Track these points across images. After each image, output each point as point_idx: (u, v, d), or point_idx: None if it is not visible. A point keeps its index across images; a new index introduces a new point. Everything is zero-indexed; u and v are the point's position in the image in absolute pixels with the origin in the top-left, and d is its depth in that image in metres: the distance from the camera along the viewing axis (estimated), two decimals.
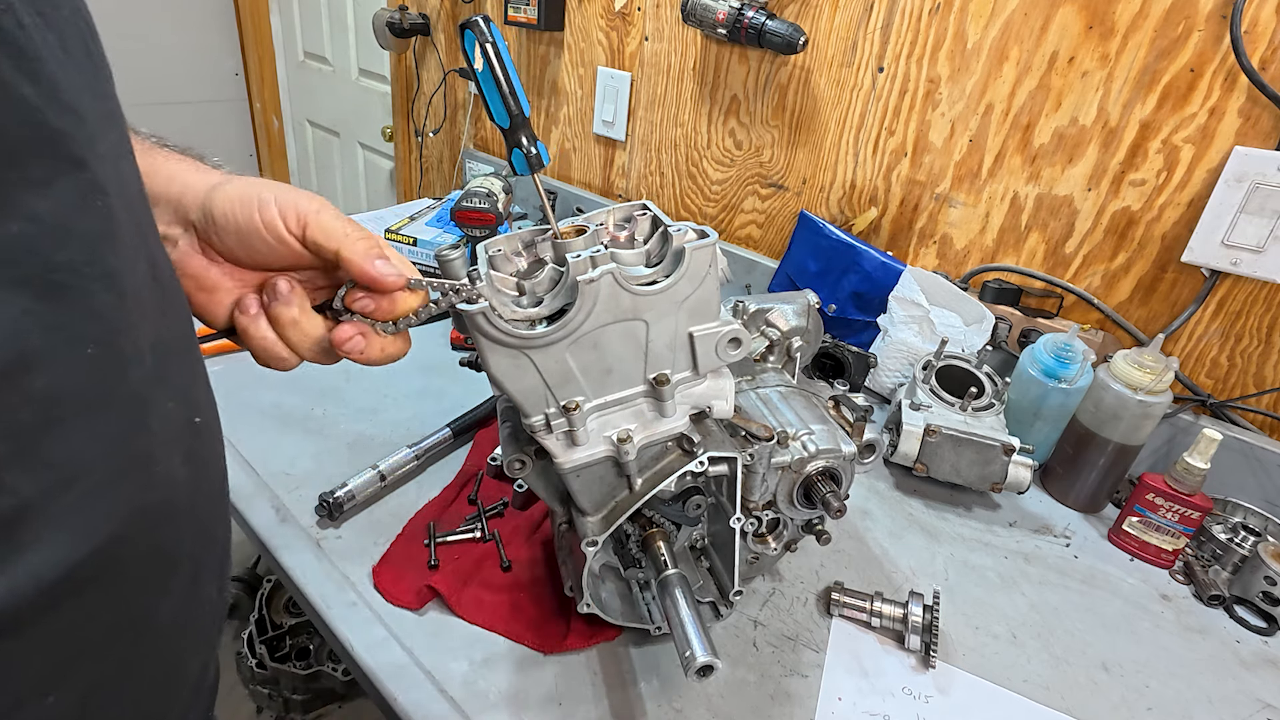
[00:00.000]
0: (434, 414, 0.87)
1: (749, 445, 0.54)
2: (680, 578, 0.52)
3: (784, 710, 0.57)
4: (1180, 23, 0.81)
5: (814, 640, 0.64)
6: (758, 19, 1.07)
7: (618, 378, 0.48)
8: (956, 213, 1.04)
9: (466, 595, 0.63)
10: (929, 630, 0.62)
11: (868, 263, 1.04)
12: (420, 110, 1.89)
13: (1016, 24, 0.92)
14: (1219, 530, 0.78)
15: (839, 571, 0.72)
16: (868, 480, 0.86)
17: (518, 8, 1.43)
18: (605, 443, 0.49)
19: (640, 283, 0.46)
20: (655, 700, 0.56)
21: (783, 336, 0.72)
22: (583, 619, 0.59)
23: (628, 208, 0.51)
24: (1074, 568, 0.77)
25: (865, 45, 1.05)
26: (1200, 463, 0.74)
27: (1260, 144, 0.80)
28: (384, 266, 0.41)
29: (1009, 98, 0.95)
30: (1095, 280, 0.95)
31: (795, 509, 0.60)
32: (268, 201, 0.41)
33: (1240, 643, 0.70)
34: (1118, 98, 0.87)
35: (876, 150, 1.09)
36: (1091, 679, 0.64)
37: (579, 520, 0.53)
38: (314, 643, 1.37)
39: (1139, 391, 0.78)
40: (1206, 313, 0.88)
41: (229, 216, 0.41)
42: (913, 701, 0.59)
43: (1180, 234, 0.87)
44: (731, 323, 0.49)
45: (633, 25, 1.32)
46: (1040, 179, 0.96)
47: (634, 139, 1.40)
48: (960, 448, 0.81)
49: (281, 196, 0.41)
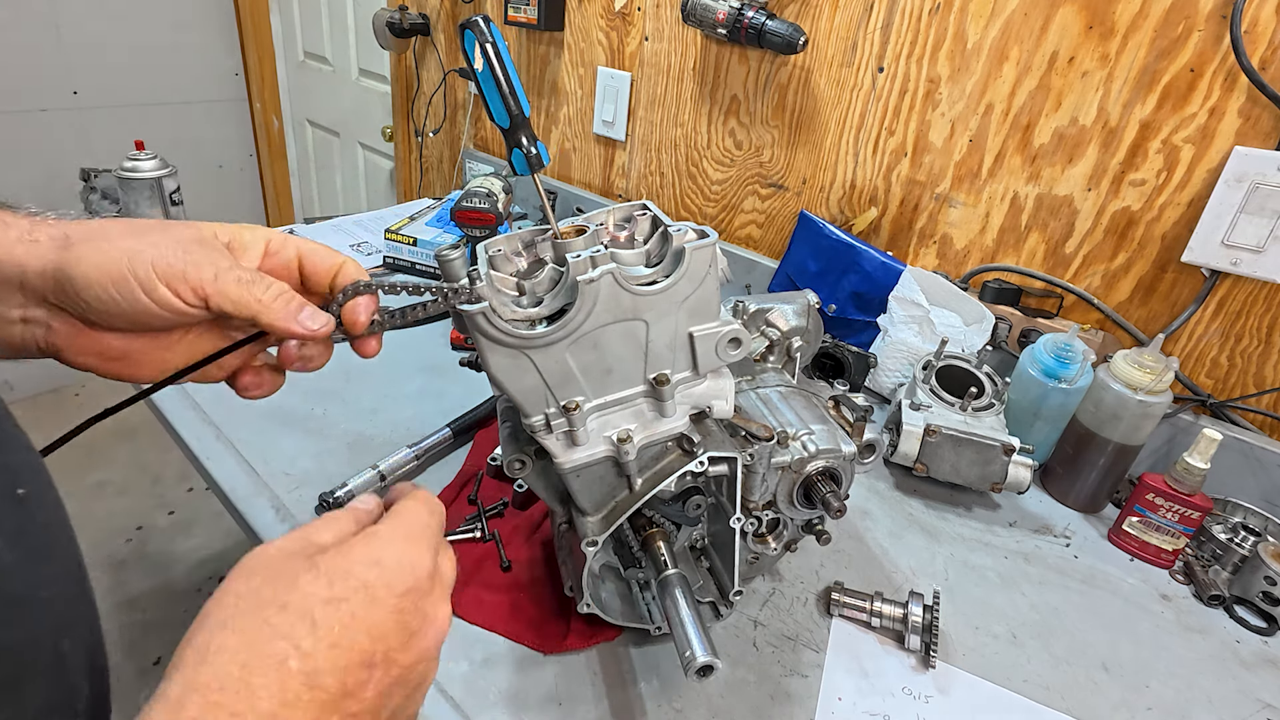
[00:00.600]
0: (434, 414, 0.87)
1: (749, 445, 0.54)
2: (680, 578, 0.52)
3: (784, 710, 0.57)
4: (1180, 23, 0.81)
5: (814, 640, 0.64)
6: (758, 19, 1.07)
7: (618, 378, 0.48)
8: (956, 213, 1.04)
9: (466, 595, 0.63)
10: (929, 630, 0.62)
11: (868, 263, 1.04)
12: (420, 110, 1.89)
13: (1016, 24, 0.92)
14: (1219, 530, 0.78)
15: (839, 571, 0.72)
16: (868, 480, 0.86)
17: (518, 8, 1.43)
18: (605, 443, 0.49)
19: (640, 283, 0.46)
20: (655, 700, 0.56)
21: (783, 336, 0.72)
22: (583, 619, 0.59)
23: (628, 208, 0.51)
24: (1074, 568, 0.77)
25: (865, 45, 1.05)
26: (1200, 463, 0.74)
27: (1260, 144, 0.80)
28: (309, 320, 0.38)
29: (1009, 98, 0.95)
30: (1095, 280, 0.95)
31: (795, 509, 0.60)
32: (149, 280, 0.35)
33: (1240, 643, 0.70)
34: (1118, 98, 0.87)
35: (876, 150, 1.09)
36: (1091, 679, 0.64)
37: (579, 520, 0.53)
38: None
39: (1139, 391, 0.78)
40: (1206, 313, 0.88)
41: (105, 301, 0.35)
42: (913, 701, 0.59)
43: (1180, 234, 0.87)
44: (731, 323, 0.49)
45: (633, 25, 1.32)
46: (1040, 179, 0.96)
47: (634, 139, 1.40)
48: (960, 448, 0.81)
49: (160, 266, 0.36)
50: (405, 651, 0.31)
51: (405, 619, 0.31)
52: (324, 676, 0.28)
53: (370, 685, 0.30)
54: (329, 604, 0.29)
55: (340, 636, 0.29)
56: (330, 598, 0.29)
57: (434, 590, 0.33)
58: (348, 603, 0.30)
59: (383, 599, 0.31)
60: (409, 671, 0.32)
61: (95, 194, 1.06)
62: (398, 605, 0.31)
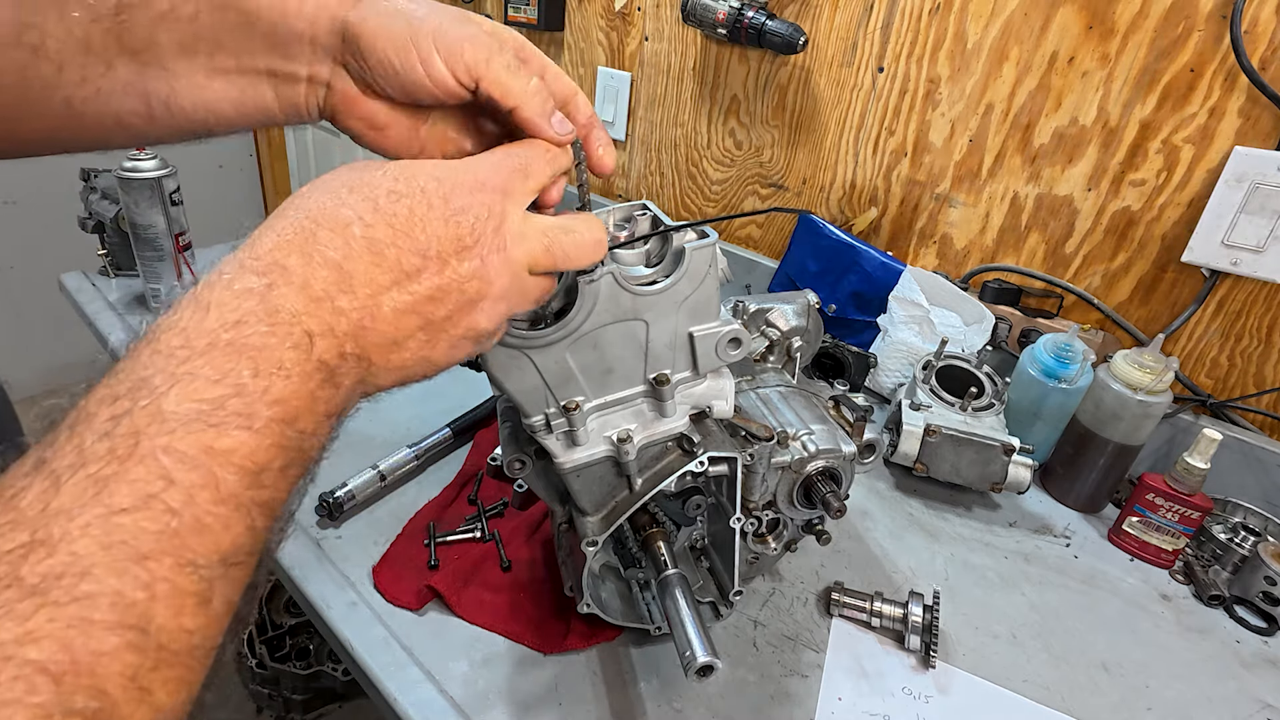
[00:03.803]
0: (434, 414, 0.87)
1: (749, 445, 0.54)
2: (680, 578, 0.52)
3: (784, 710, 0.57)
4: (1180, 23, 0.81)
5: (814, 640, 0.64)
6: (758, 19, 1.07)
7: (618, 378, 0.48)
8: (956, 213, 1.04)
9: (466, 595, 0.63)
10: (929, 630, 0.62)
11: (868, 263, 1.04)
12: None
13: (1016, 24, 0.92)
14: (1219, 530, 0.78)
15: (839, 571, 0.72)
16: (868, 480, 0.86)
17: (518, 8, 1.43)
18: (605, 443, 0.49)
19: (640, 283, 0.46)
20: (655, 700, 0.56)
21: (783, 336, 0.72)
22: (583, 619, 0.59)
23: (628, 208, 0.51)
24: (1074, 568, 0.77)
25: (865, 45, 1.05)
26: (1200, 463, 0.74)
27: (1260, 144, 0.80)
28: (560, 126, 0.39)
29: (1009, 98, 0.95)
30: (1095, 280, 0.95)
31: (795, 509, 0.60)
32: (430, 53, 0.36)
33: (1240, 643, 0.70)
34: (1118, 98, 0.87)
35: (876, 150, 1.09)
36: (1091, 679, 0.64)
37: (579, 520, 0.53)
38: (314, 643, 1.37)
39: (1139, 391, 0.78)
40: (1206, 313, 0.88)
41: (386, 65, 0.37)
42: (913, 701, 0.59)
43: (1180, 234, 0.87)
44: (731, 323, 0.49)
45: (633, 25, 1.32)
46: (1040, 179, 0.96)
47: (634, 139, 1.40)
48: (960, 448, 0.81)
49: (441, 42, 0.37)
50: (458, 259, 0.33)
51: (459, 231, 0.33)
52: (384, 247, 0.31)
53: (425, 275, 0.32)
54: (391, 195, 0.32)
55: (397, 220, 0.32)
56: (392, 190, 0.32)
57: (491, 218, 0.34)
58: (408, 198, 0.32)
59: (437, 207, 0.33)
60: (464, 281, 0.33)
61: (95, 194, 1.06)
62: (452, 216, 0.33)
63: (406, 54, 0.36)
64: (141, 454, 0.23)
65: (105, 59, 0.36)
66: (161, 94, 0.38)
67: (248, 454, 0.26)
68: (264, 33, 0.37)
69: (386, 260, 0.31)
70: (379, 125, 0.40)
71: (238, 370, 0.26)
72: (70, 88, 0.36)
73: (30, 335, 2.40)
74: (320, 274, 0.29)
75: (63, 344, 2.42)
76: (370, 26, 0.36)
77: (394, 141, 0.41)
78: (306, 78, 0.39)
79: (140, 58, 0.37)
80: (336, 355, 0.30)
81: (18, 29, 0.34)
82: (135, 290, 1.04)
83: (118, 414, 0.24)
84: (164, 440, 0.24)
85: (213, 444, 0.25)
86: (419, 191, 0.32)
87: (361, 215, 0.31)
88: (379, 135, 0.41)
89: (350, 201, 0.31)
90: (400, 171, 0.33)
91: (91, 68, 0.36)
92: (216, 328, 0.26)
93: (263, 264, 0.29)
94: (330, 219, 0.31)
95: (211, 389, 0.25)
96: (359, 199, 0.32)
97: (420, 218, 0.32)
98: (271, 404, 0.27)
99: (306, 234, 0.30)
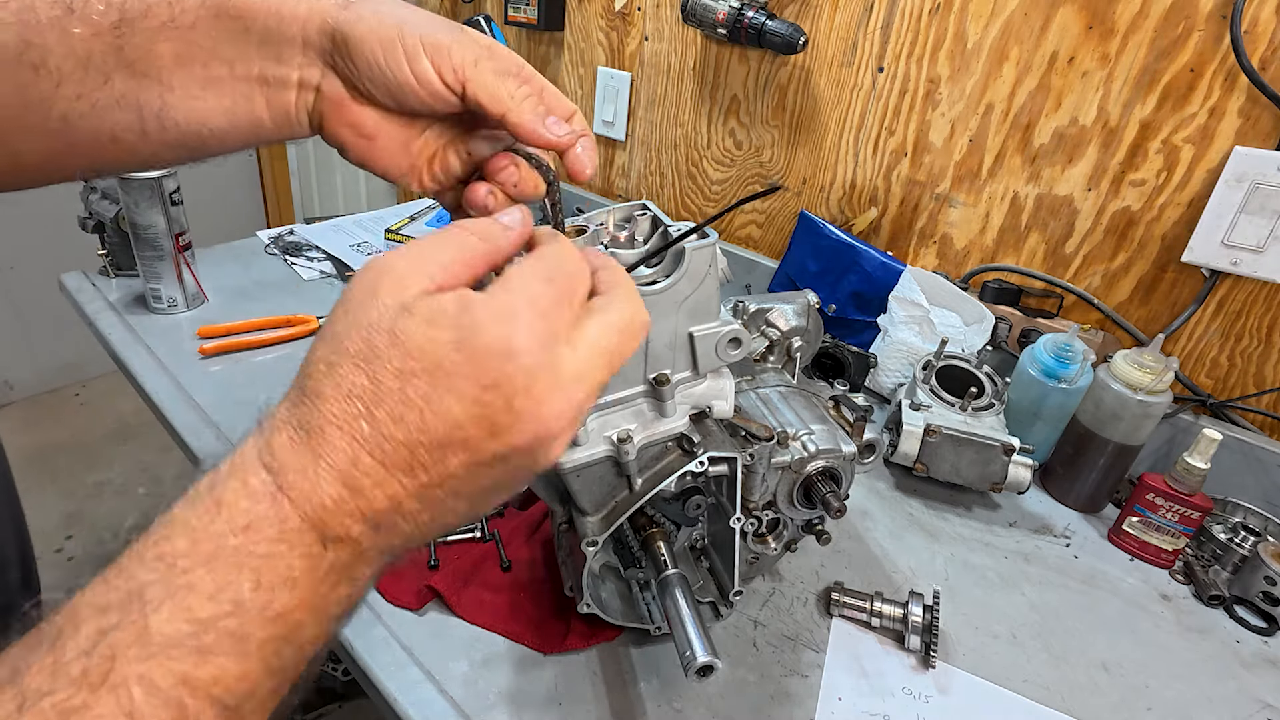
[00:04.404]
0: None
1: (749, 445, 0.54)
2: (680, 578, 0.52)
3: (784, 710, 0.57)
4: (1180, 23, 0.81)
5: (814, 640, 0.64)
6: (758, 19, 1.07)
7: (618, 378, 0.48)
8: (956, 213, 1.04)
9: (466, 595, 0.63)
10: (929, 630, 0.62)
11: (868, 263, 1.04)
12: None
13: (1016, 24, 0.92)
14: (1219, 530, 0.78)
15: (839, 571, 0.72)
16: (868, 480, 0.86)
17: (518, 8, 1.43)
18: (605, 443, 0.49)
19: (640, 283, 0.46)
20: (655, 700, 0.56)
21: (783, 336, 0.72)
22: (583, 619, 0.59)
23: (628, 208, 0.51)
24: (1074, 568, 0.77)
25: (865, 45, 1.05)
26: (1200, 463, 0.74)
27: (1260, 144, 0.80)
28: (556, 127, 0.37)
29: (1009, 98, 0.95)
30: (1095, 280, 0.95)
31: (795, 509, 0.60)
32: (416, 52, 0.36)
33: (1240, 643, 0.70)
34: (1118, 98, 0.87)
35: (876, 150, 1.09)
36: (1091, 679, 0.64)
37: (579, 520, 0.53)
38: None
39: (1139, 391, 0.78)
40: (1206, 313, 0.88)
41: (374, 67, 0.36)
42: (913, 701, 0.59)
43: (1180, 234, 0.87)
44: (731, 323, 0.49)
45: (633, 25, 1.32)
46: (1040, 179, 0.96)
47: (634, 139, 1.40)
48: (960, 448, 0.81)
49: (428, 42, 0.36)
50: (492, 441, 0.27)
51: (488, 413, 0.27)
52: (393, 447, 0.26)
53: (446, 463, 0.27)
54: (399, 377, 0.26)
55: (406, 414, 0.26)
56: (401, 370, 0.26)
57: (535, 384, 0.27)
58: (418, 380, 0.26)
59: (461, 390, 0.26)
60: (505, 457, 0.28)
61: (95, 194, 1.06)
62: (478, 398, 0.27)
63: (393, 52, 0.36)
64: (113, 683, 0.22)
65: (104, 72, 0.36)
66: (154, 106, 0.37)
67: (231, 683, 0.24)
68: (258, 37, 0.37)
69: (393, 459, 0.27)
70: (367, 134, 0.40)
71: (238, 584, 0.25)
72: (66, 102, 0.36)
73: (30, 335, 2.40)
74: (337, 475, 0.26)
75: (63, 344, 2.42)
76: (361, 28, 0.36)
77: (382, 154, 0.40)
78: (297, 82, 0.39)
79: (137, 69, 0.36)
80: (352, 555, 0.27)
81: (20, 48, 0.34)
82: (135, 290, 1.04)
83: (104, 628, 0.23)
84: (139, 668, 0.23)
85: (192, 673, 0.23)
86: (435, 369, 0.27)
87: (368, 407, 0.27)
88: (368, 145, 0.40)
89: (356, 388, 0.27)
90: (410, 338, 0.27)
91: (89, 81, 0.36)
92: (225, 531, 0.25)
93: (278, 461, 0.26)
94: (341, 417, 0.27)
95: (206, 606, 0.24)
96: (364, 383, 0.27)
97: (436, 404, 0.27)
98: (270, 621, 0.25)
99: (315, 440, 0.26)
